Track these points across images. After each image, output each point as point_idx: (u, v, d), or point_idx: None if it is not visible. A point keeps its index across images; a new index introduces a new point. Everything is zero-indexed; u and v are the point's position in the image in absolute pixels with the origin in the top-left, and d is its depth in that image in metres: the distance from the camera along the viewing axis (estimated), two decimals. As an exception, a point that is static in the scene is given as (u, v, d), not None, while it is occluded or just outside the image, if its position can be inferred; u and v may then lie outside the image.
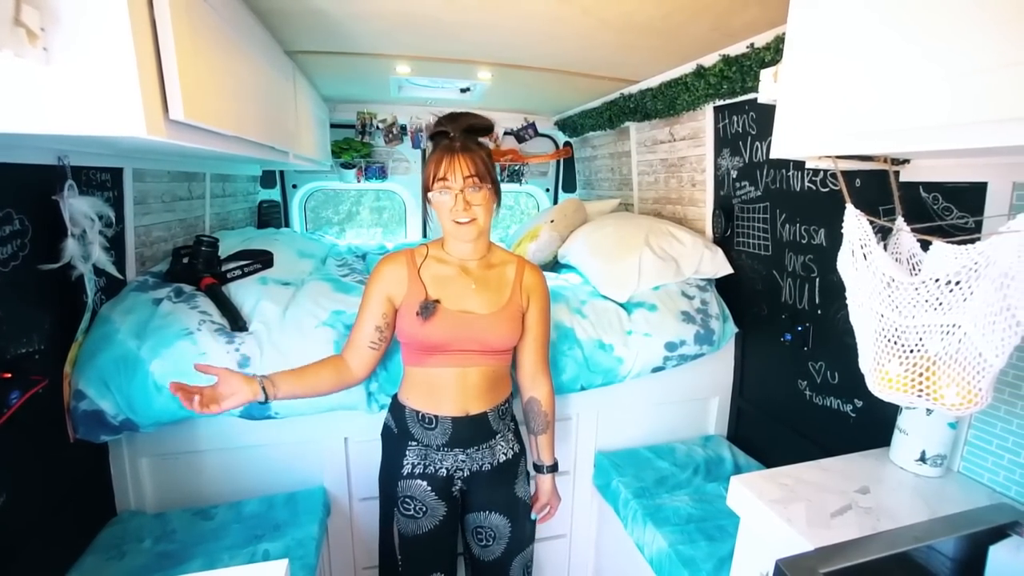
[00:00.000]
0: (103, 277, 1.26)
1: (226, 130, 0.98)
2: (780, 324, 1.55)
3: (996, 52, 0.58)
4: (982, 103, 0.61)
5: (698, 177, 1.88)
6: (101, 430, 1.17)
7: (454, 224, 1.09)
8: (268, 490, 1.41)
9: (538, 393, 1.28)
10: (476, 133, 1.11)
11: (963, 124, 0.64)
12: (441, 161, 1.06)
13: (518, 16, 1.28)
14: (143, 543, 1.22)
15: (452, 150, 1.06)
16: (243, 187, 2.40)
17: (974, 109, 0.62)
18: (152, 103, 0.72)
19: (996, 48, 0.58)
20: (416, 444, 1.16)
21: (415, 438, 1.15)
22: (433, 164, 1.07)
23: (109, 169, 1.29)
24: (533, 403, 1.29)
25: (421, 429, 1.15)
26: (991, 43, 0.59)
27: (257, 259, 1.63)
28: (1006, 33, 0.57)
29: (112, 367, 1.16)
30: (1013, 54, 0.57)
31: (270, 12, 1.24)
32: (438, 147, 1.08)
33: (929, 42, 0.66)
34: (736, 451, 1.74)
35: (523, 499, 1.28)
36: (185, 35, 0.78)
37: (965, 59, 0.62)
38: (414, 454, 1.16)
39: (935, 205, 1.08)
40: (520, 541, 1.28)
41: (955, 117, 0.64)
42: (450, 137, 1.08)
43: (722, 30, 1.25)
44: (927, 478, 1.06)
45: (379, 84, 2.16)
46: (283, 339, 1.31)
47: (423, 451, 1.16)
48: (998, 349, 0.75)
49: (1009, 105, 0.58)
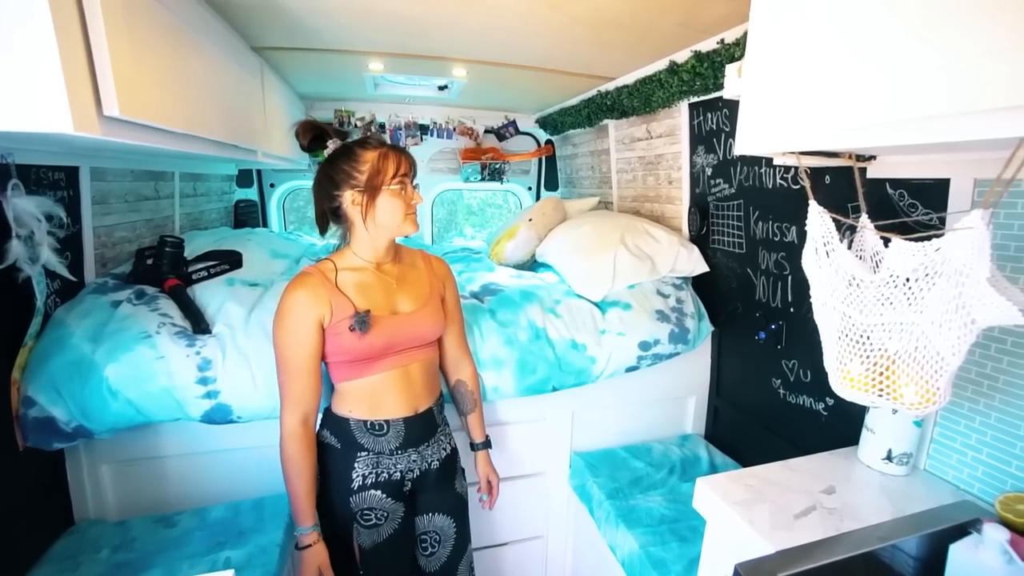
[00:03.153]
0: (58, 280, 1.22)
1: (175, 127, 0.95)
2: (754, 322, 1.54)
3: (974, 43, 0.56)
4: (956, 95, 0.58)
5: (675, 175, 1.86)
6: (53, 437, 1.14)
7: (408, 218, 1.10)
8: (235, 496, 1.38)
9: (463, 375, 1.33)
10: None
11: (930, 117, 0.62)
12: (400, 158, 1.08)
13: (484, 12, 1.25)
14: (100, 553, 1.19)
15: (397, 150, 1.09)
16: (217, 186, 2.35)
17: (946, 102, 0.59)
18: (82, 99, 0.69)
19: (973, 39, 0.56)
20: (366, 454, 1.12)
21: (365, 448, 1.12)
22: (391, 162, 1.06)
23: (63, 168, 1.25)
24: (460, 385, 1.33)
25: (371, 437, 1.12)
26: (964, 33, 0.56)
27: (225, 260, 1.60)
28: (980, 20, 0.55)
29: (65, 372, 1.12)
30: (991, 43, 0.54)
31: (228, 6, 1.21)
32: (377, 148, 1.07)
33: (907, 34, 0.63)
34: (713, 450, 1.73)
35: (462, 496, 1.29)
36: (120, 30, 0.75)
37: (937, 52, 0.59)
38: (364, 464, 1.12)
39: (901, 202, 1.07)
40: (463, 542, 1.28)
41: (915, 111, 0.62)
42: (379, 139, 1.11)
43: (692, 26, 1.23)
44: (893, 476, 1.05)
45: (354, 81, 2.12)
46: (247, 342, 1.28)
47: (374, 459, 1.13)
48: (954, 347, 0.74)
49: (977, 96, 0.56)
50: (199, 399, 1.20)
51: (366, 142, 1.09)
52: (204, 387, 1.20)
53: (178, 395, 1.18)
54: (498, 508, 1.65)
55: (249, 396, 1.24)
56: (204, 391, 1.20)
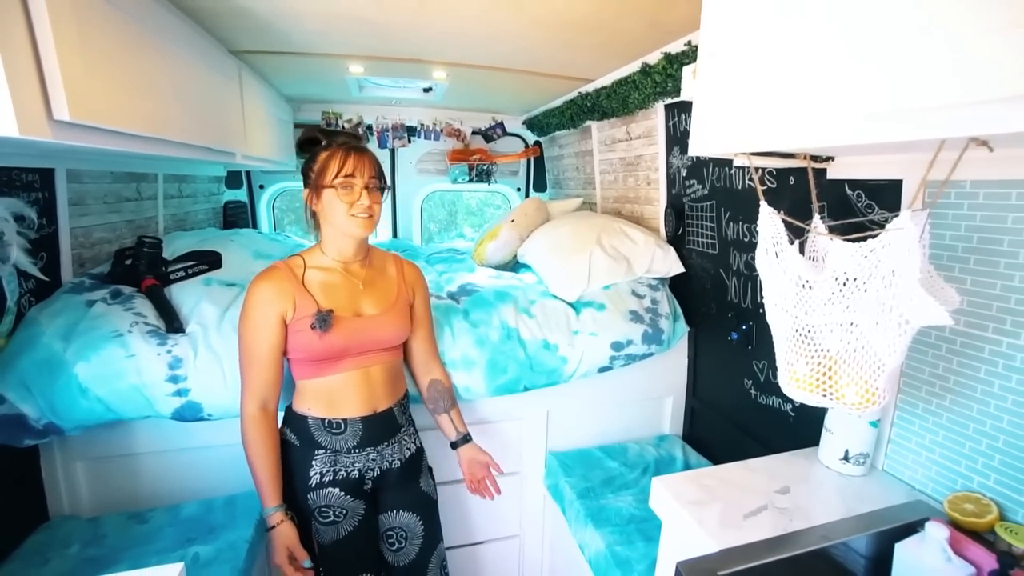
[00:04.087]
0: (32, 280, 1.25)
1: (137, 130, 0.97)
2: (727, 323, 1.55)
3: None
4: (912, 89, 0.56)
5: (652, 176, 1.87)
6: (23, 434, 1.16)
7: (351, 219, 1.08)
8: (208, 493, 1.40)
9: (436, 374, 1.34)
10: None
11: (886, 113, 0.60)
12: (347, 158, 1.07)
13: (451, 16, 1.27)
14: (70, 548, 1.21)
15: (358, 149, 1.08)
16: (204, 188, 2.38)
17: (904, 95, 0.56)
18: (29, 103, 0.71)
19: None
20: (324, 452, 1.14)
21: (322, 446, 1.13)
22: (336, 160, 1.07)
23: (37, 170, 1.28)
24: (435, 384, 1.33)
25: (329, 436, 1.13)
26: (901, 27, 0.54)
27: (203, 260, 1.62)
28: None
29: (34, 370, 1.15)
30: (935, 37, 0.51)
31: (198, 11, 1.23)
32: (333, 146, 1.08)
33: (854, 30, 0.61)
34: (689, 451, 1.73)
35: (428, 494, 1.29)
36: (69, 35, 0.77)
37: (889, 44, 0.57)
38: (321, 462, 1.13)
39: (859, 202, 1.08)
40: (432, 540, 1.28)
41: (879, 106, 0.61)
42: (346, 138, 1.10)
43: (659, 27, 1.24)
44: (850, 477, 1.06)
45: (338, 84, 2.15)
46: (219, 341, 1.30)
47: (332, 457, 1.14)
48: (891, 347, 0.74)
49: (922, 93, 0.53)
50: (169, 396, 1.22)
51: (329, 143, 1.10)
52: (175, 385, 1.22)
53: (147, 392, 1.20)
54: (473, 507, 1.67)
55: (220, 394, 1.26)
56: (174, 389, 1.22)
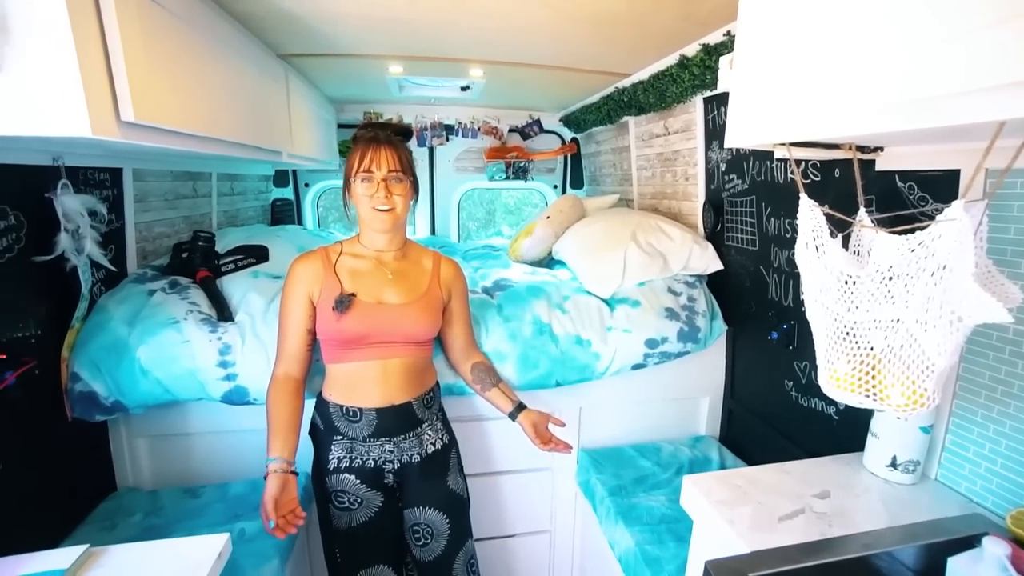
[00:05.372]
0: (102, 270, 1.36)
1: (193, 130, 1.04)
2: (767, 322, 1.49)
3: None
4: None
5: (690, 171, 1.83)
6: (95, 410, 1.27)
7: (373, 212, 1.12)
8: (253, 474, 1.48)
9: (477, 358, 1.36)
10: (398, 134, 1.17)
11: (923, 99, 0.56)
12: (366, 153, 1.10)
13: (484, 15, 1.29)
14: (134, 517, 1.31)
15: (377, 142, 1.11)
16: (254, 186, 2.51)
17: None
18: (101, 106, 0.78)
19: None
20: (342, 438, 1.18)
21: (340, 432, 1.17)
22: (357, 155, 1.11)
23: (108, 169, 1.39)
24: (478, 366, 1.34)
25: (346, 423, 1.17)
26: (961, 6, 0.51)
27: (252, 254, 1.71)
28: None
29: (103, 352, 1.25)
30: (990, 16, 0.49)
31: (250, 17, 1.31)
32: (361, 141, 1.12)
33: (897, 13, 0.58)
34: (725, 453, 1.69)
35: (457, 493, 1.28)
36: (136, 43, 0.84)
37: (943, 25, 0.53)
38: (339, 448, 1.17)
39: (911, 195, 1.02)
40: (459, 536, 1.27)
41: (918, 92, 0.58)
42: (374, 133, 1.13)
43: (692, 19, 1.21)
44: (898, 485, 1.00)
45: (378, 84, 2.21)
46: (264, 329, 1.37)
47: (348, 444, 1.17)
48: (941, 346, 0.70)
49: (974, 74, 0.51)
50: (219, 381, 1.30)
51: (358, 137, 1.14)
52: (224, 370, 1.30)
53: (200, 376, 1.29)
54: (505, 500, 1.68)
55: (264, 380, 1.31)
56: (224, 374, 1.30)
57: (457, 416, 1.39)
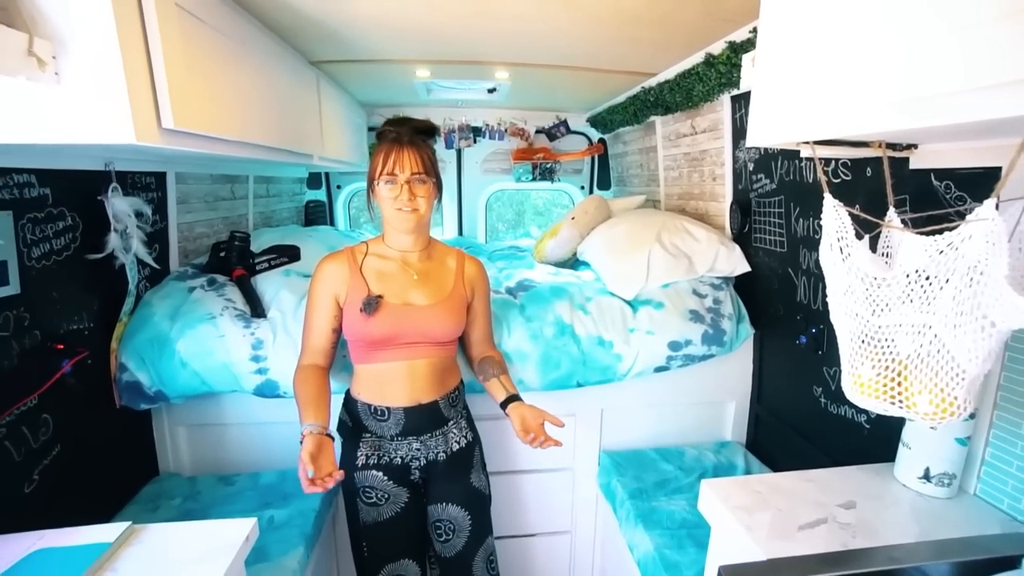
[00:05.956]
0: (148, 268, 1.45)
1: (228, 135, 1.10)
2: (795, 326, 1.45)
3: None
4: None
5: (718, 171, 1.79)
6: (140, 399, 1.35)
7: (396, 213, 1.13)
8: (284, 465, 1.54)
9: (488, 352, 1.35)
10: (421, 133, 1.17)
11: (945, 94, 0.55)
12: (390, 154, 1.11)
13: (507, 19, 1.30)
14: (174, 500, 1.39)
15: (400, 143, 1.11)
16: (288, 188, 2.61)
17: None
18: (144, 114, 0.84)
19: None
20: (370, 436, 1.21)
21: (369, 430, 1.20)
22: (380, 157, 1.12)
23: (154, 173, 1.48)
24: (486, 359, 1.32)
25: (374, 421, 1.19)
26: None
27: (285, 253, 1.78)
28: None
29: (147, 344, 1.33)
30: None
31: (282, 27, 1.37)
32: (384, 142, 1.13)
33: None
34: (751, 459, 1.64)
35: (479, 490, 1.30)
36: (177, 55, 0.89)
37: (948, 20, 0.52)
38: (368, 446, 1.20)
39: (948, 194, 0.97)
40: (480, 533, 1.29)
41: (928, 89, 0.56)
42: (397, 133, 1.13)
43: (716, 16, 1.19)
44: (931, 498, 0.96)
45: (406, 88, 2.27)
46: (295, 326, 1.43)
47: (376, 442, 1.20)
48: (971, 353, 0.67)
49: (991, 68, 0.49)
50: (252, 374, 1.36)
51: (382, 137, 1.15)
52: (256, 364, 1.37)
53: (234, 369, 1.35)
54: (526, 499, 1.69)
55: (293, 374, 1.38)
56: (256, 367, 1.37)
57: (480, 414, 1.41)
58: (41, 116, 0.79)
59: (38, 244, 1.11)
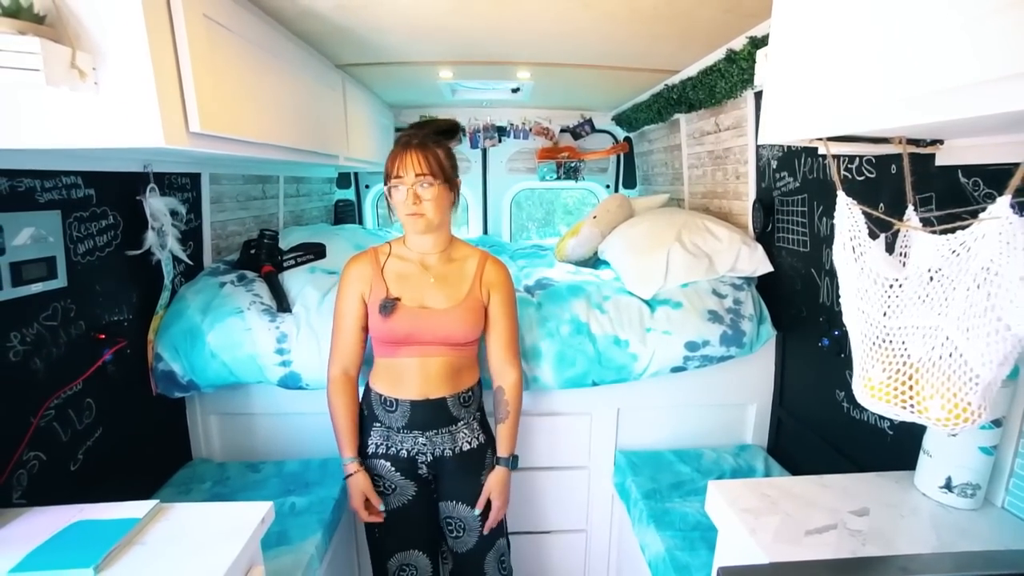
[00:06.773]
0: (182, 263, 1.54)
1: (251, 137, 1.15)
2: (818, 327, 1.40)
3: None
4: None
5: (741, 169, 1.75)
6: (174, 387, 1.44)
7: (406, 218, 1.16)
8: (308, 454, 1.61)
9: (504, 383, 1.30)
10: (439, 134, 1.18)
11: (955, 88, 0.53)
12: (396, 157, 1.13)
13: (526, 19, 1.31)
14: (205, 484, 1.48)
15: (407, 147, 1.12)
16: (318, 188, 2.71)
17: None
18: (172, 118, 0.90)
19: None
20: (380, 426, 1.24)
21: (379, 420, 1.24)
22: (389, 161, 1.14)
23: (189, 174, 1.57)
24: (498, 392, 1.31)
25: (384, 411, 1.23)
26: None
27: (311, 251, 1.85)
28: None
29: (181, 336, 1.42)
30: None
31: (307, 33, 1.43)
32: (396, 145, 1.16)
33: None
34: (772, 464, 1.60)
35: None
36: (204, 63, 0.95)
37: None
38: (377, 435, 1.24)
39: (976, 191, 0.92)
40: (493, 534, 1.31)
41: (937, 83, 0.55)
42: (407, 136, 1.15)
43: (735, 11, 1.17)
44: (953, 509, 0.92)
45: (431, 89, 2.31)
46: (318, 321, 1.49)
47: (385, 432, 1.24)
48: (985, 357, 0.64)
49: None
50: (276, 366, 1.43)
51: (397, 139, 1.19)
52: (280, 356, 1.43)
53: (260, 361, 1.42)
54: (542, 496, 1.71)
55: (316, 367, 1.44)
56: (280, 360, 1.43)
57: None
58: (82, 122, 0.85)
59: (83, 241, 1.20)
